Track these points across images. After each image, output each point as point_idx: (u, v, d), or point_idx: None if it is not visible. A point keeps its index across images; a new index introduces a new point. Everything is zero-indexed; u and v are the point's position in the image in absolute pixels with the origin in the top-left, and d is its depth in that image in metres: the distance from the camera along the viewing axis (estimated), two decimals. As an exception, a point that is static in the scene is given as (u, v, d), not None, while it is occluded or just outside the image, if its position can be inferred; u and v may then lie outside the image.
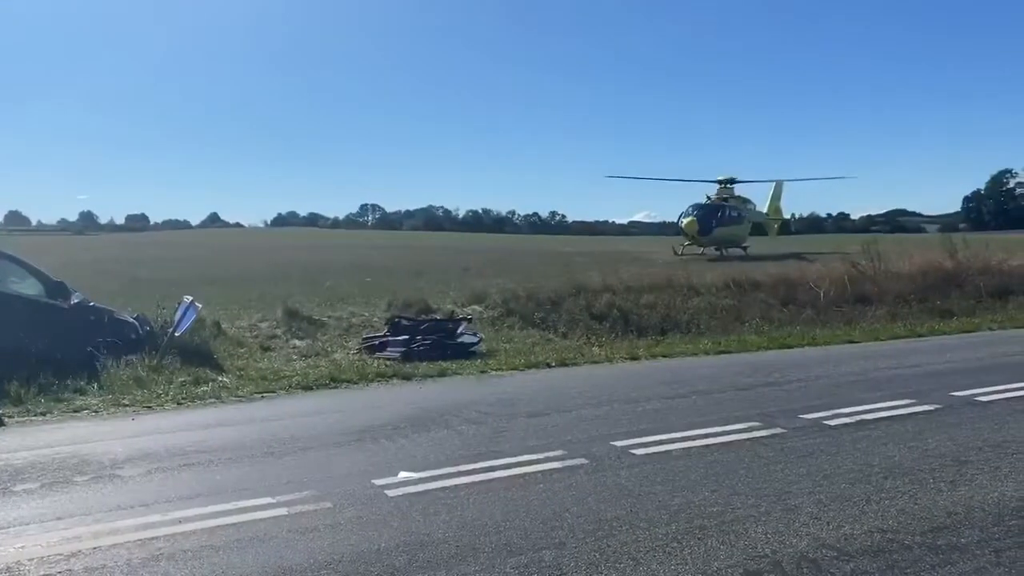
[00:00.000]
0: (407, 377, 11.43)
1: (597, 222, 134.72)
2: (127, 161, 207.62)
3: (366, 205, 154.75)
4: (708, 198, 46.03)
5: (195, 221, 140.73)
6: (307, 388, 10.80)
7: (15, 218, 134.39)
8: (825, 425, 8.07)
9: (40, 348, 10.55)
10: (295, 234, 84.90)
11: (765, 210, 51.15)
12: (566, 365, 12.67)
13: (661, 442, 7.43)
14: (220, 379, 11.10)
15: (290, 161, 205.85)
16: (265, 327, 15.40)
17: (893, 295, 19.93)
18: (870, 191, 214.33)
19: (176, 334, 12.19)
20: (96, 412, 9.35)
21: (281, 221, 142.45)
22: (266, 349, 13.81)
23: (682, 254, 40.66)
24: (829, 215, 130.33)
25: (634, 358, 13.40)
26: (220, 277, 26.15)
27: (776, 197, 52.57)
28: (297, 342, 14.48)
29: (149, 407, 9.65)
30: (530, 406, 9.23)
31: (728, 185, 46.99)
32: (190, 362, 11.81)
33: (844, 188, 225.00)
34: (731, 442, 7.47)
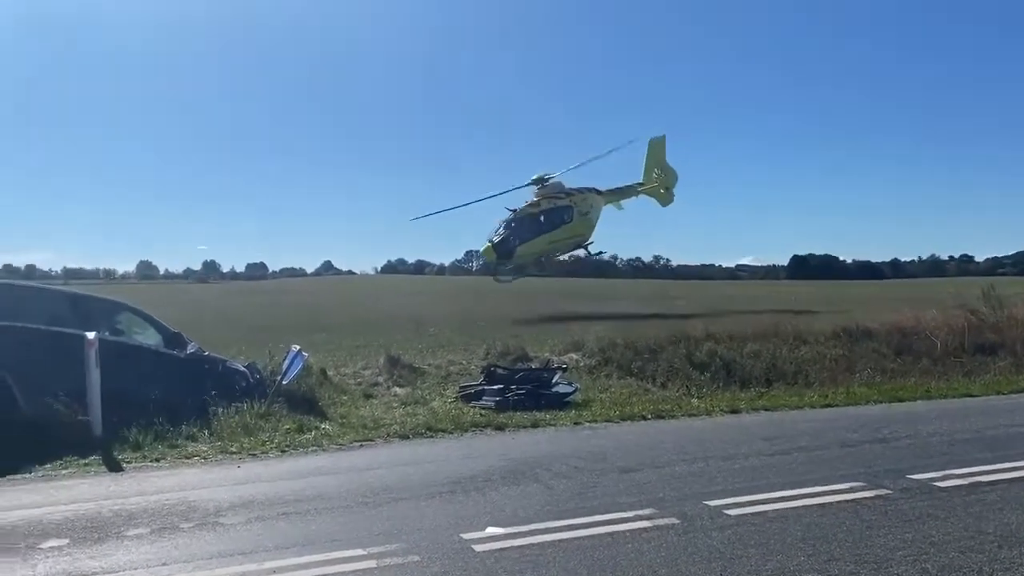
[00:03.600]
0: (501, 427, 11.51)
1: (703, 265, 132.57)
2: (248, 212, 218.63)
3: (470, 251, 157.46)
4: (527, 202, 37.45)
5: (310, 269, 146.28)
6: (404, 437, 11.01)
7: (145, 267, 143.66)
8: (935, 487, 7.66)
9: (158, 396, 11.16)
10: (402, 281, 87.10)
11: (641, 178, 40.27)
12: (663, 417, 12.48)
13: (757, 502, 7.22)
14: (323, 426, 11.45)
15: (399, 211, 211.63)
16: (368, 374, 15.83)
17: (1019, 344, 18.75)
18: (996, 232, 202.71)
19: (283, 382, 12.68)
20: (205, 459, 9.79)
21: (390, 268, 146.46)
22: (368, 396, 14.17)
23: (505, 279, 37.29)
24: (952, 257, 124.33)
25: (735, 411, 13.07)
26: (329, 324, 27.06)
27: (653, 157, 40.43)
28: (398, 389, 14.80)
29: (255, 454, 10.04)
30: (623, 460, 9.13)
31: (547, 182, 37.28)
32: (296, 409, 12.23)
33: (968, 229, 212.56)
34: (832, 503, 7.18)
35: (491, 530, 6.52)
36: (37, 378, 10.42)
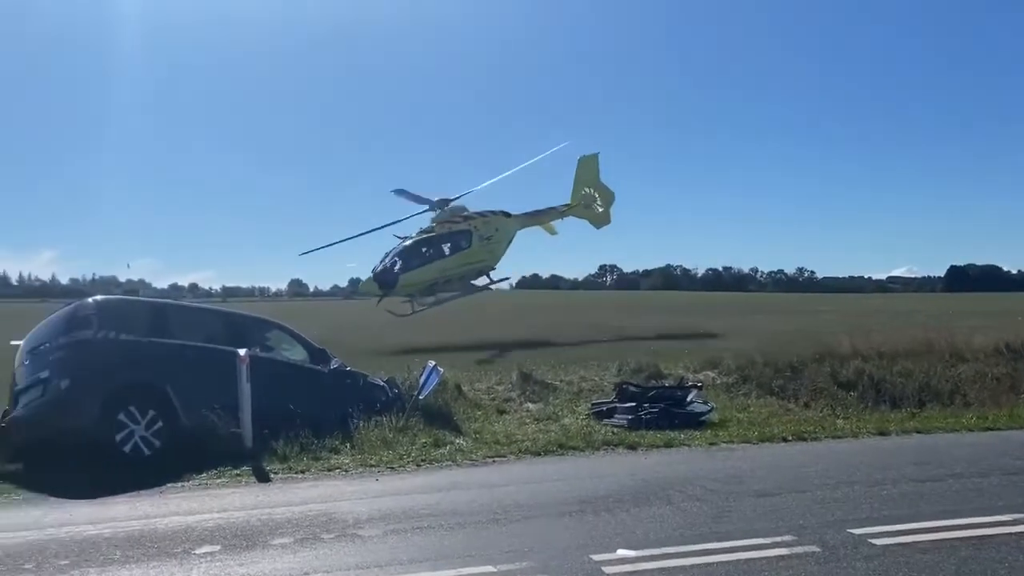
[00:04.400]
0: (632, 446, 11.35)
1: (851, 278, 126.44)
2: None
3: (604, 266, 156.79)
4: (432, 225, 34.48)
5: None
6: (536, 453, 11.05)
7: (296, 285, 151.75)
8: (1115, 523, 6.95)
9: (303, 409, 11.71)
10: (538, 296, 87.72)
11: (570, 198, 37.18)
12: (804, 439, 11.94)
13: (906, 532, 6.79)
14: (457, 441, 11.66)
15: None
16: (501, 390, 16.01)
17: None
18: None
19: (420, 397, 13.03)
20: (347, 471, 10.18)
21: (524, 283, 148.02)
22: (501, 412, 14.33)
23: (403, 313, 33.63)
24: (1021, 271, 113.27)
25: (883, 433, 12.34)
26: (466, 340, 27.59)
27: (584, 176, 37.21)
28: (530, 405, 14.89)
29: (393, 467, 10.35)
30: (760, 484, 8.81)
31: (447, 206, 34.31)
32: (432, 424, 12.52)
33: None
34: (991, 536, 6.66)
35: (622, 552, 6.44)
36: (195, 392, 11.14)
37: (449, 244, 33.70)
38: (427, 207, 34.23)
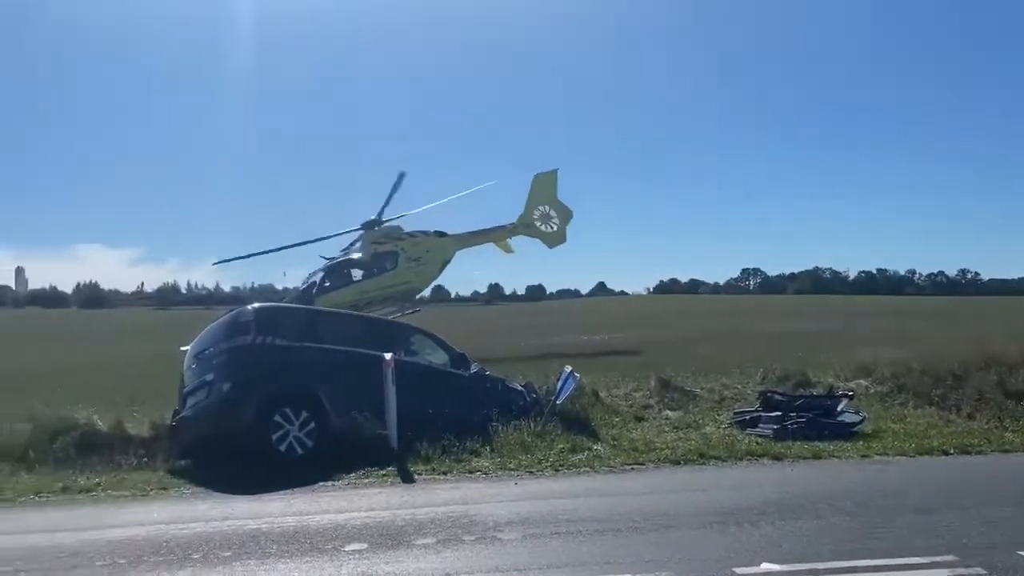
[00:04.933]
0: (778, 457, 10.95)
1: (1021, 279, 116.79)
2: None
3: (747, 269, 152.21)
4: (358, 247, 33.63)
5: (584, 290, 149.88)
6: (675, 462, 10.86)
7: (437, 290, 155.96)
8: None
9: (445, 413, 12.02)
10: (675, 301, 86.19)
11: (519, 217, 35.50)
12: (968, 453, 11.15)
13: (1087, 558, 6.21)
14: (595, 447, 11.62)
15: (673, 228, 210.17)
16: (639, 396, 15.82)
17: None
18: None
19: (557, 402, 13.09)
20: (487, 474, 10.37)
21: (663, 288, 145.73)
22: (639, 419, 14.16)
23: None
24: None
25: (1059, 447, 11.36)
26: (600, 345, 27.49)
27: (539, 194, 35.59)
28: (669, 413, 14.63)
29: (531, 472, 10.45)
30: (918, 499, 8.31)
31: (380, 226, 33.36)
32: (569, 429, 12.53)
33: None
34: None
35: (766, 566, 6.23)
36: (344, 395, 11.65)
37: (372, 266, 32.79)
38: (358, 227, 33.53)
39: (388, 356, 11.64)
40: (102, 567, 6.80)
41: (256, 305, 12.97)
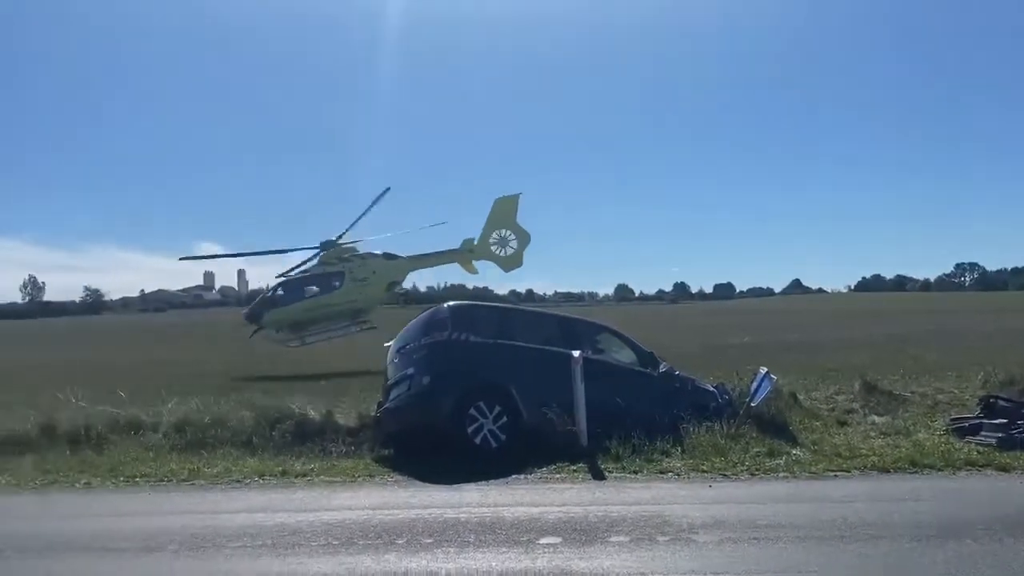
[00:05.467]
0: (1004, 468, 9.93)
1: None
2: (718, 233, 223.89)
3: (962, 264, 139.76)
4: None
5: (778, 288, 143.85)
6: (883, 470, 10.14)
7: (622, 290, 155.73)
8: None
9: (634, 412, 11.93)
10: (879, 299, 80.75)
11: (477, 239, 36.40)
12: None
13: None
14: (794, 452, 11.10)
15: (875, 220, 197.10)
16: (841, 400, 14.97)
17: None
18: None
19: (752, 404, 12.63)
20: (678, 475, 10.18)
21: (865, 286, 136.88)
22: (842, 424, 13.37)
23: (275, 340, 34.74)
24: None
25: None
26: (797, 345, 26.29)
27: (498, 218, 36.58)
28: (876, 418, 13.70)
29: (725, 475, 10.15)
30: None
31: (336, 247, 35.15)
32: (765, 432, 12.05)
33: None
34: None
35: (994, 587, 5.69)
36: (535, 391, 11.86)
37: (320, 285, 34.64)
38: (316, 246, 35.62)
39: (576, 354, 11.72)
40: (318, 547, 7.33)
41: (451, 303, 13.45)
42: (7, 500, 9.92)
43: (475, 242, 37.07)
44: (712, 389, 13.59)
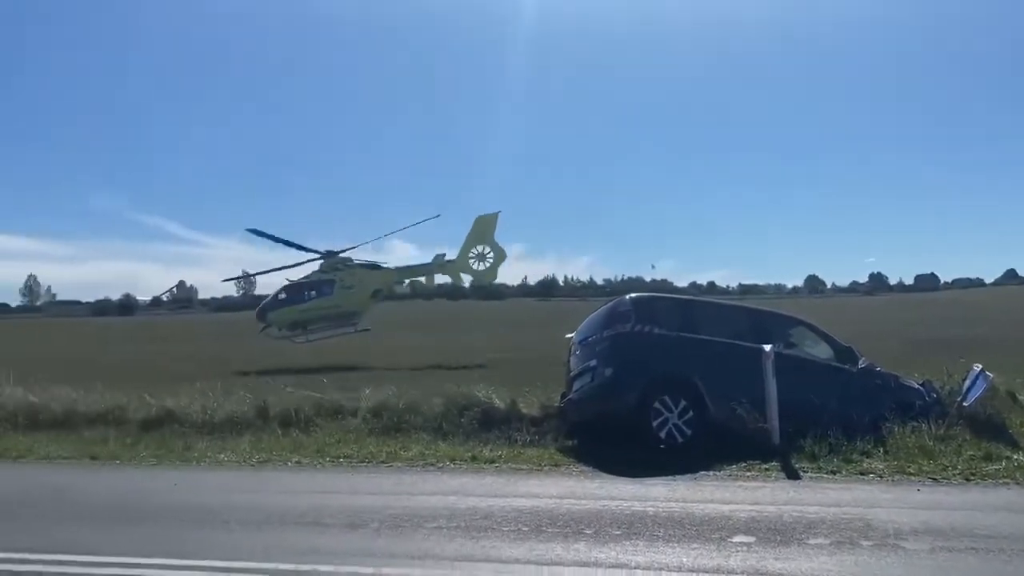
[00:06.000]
0: None
1: None
2: (917, 222, 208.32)
3: None
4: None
5: (989, 278, 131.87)
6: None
7: (813, 281, 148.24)
8: None
9: (830, 409, 11.30)
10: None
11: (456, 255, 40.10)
12: None
13: None
14: (1015, 457, 10.11)
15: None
16: (1073, 402, 13.45)
17: None
18: None
19: (965, 404, 11.64)
20: (880, 477, 9.56)
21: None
22: (1071, 428, 12.02)
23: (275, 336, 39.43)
24: None
25: None
26: (1017, 340, 23.93)
27: (478, 234, 39.85)
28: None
29: (935, 478, 9.42)
30: None
31: (335, 257, 40.03)
32: (980, 435, 11.06)
33: None
34: None
35: None
36: (722, 386, 11.52)
37: (315, 291, 39.25)
38: (318, 255, 40.05)
39: (768, 348, 11.27)
40: (509, 531, 7.50)
41: (634, 295, 13.31)
42: (230, 475, 10.89)
43: (444, 257, 40.95)
44: (918, 387, 12.64)
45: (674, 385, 11.63)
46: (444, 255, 40.91)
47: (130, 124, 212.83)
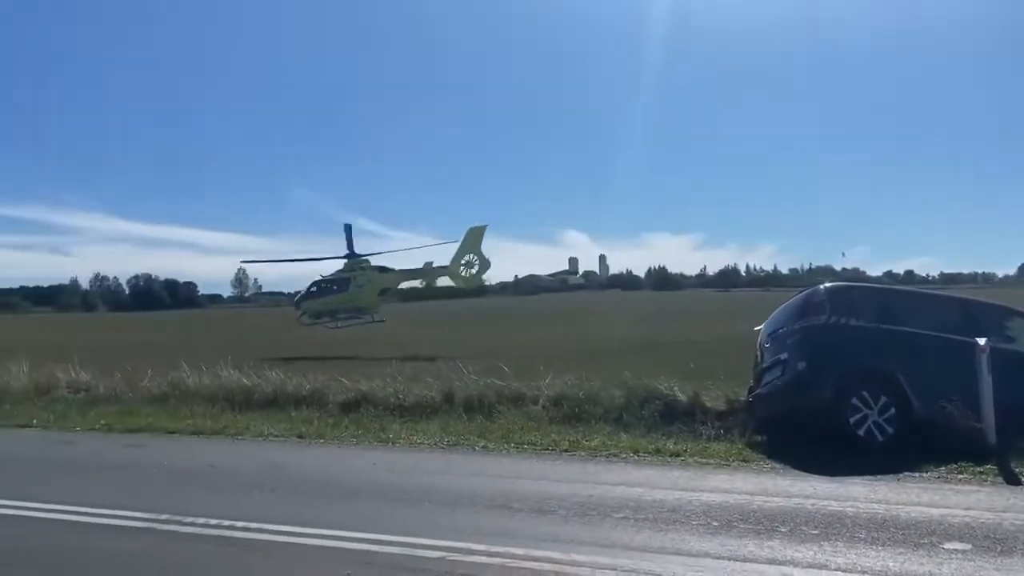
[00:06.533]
0: None
1: None
2: None
3: None
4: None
5: None
6: None
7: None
8: None
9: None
10: None
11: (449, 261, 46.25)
12: None
13: None
14: None
15: None
16: None
17: None
18: None
19: None
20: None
21: None
22: None
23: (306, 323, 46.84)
24: None
25: None
26: None
27: (469, 245, 45.64)
28: None
29: None
30: None
31: (354, 259, 46.61)
32: None
33: None
34: None
35: None
36: (928, 382, 10.73)
37: (336, 286, 45.84)
38: (344, 255, 46.69)
39: (982, 342, 10.36)
40: (698, 526, 7.37)
41: (829, 284, 12.62)
42: (422, 456, 11.40)
43: (433, 264, 48.56)
44: None
45: (874, 380, 10.93)
46: (432, 262, 49.08)
47: (326, 126, 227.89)
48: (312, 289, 47.24)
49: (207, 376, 17.36)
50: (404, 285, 52.75)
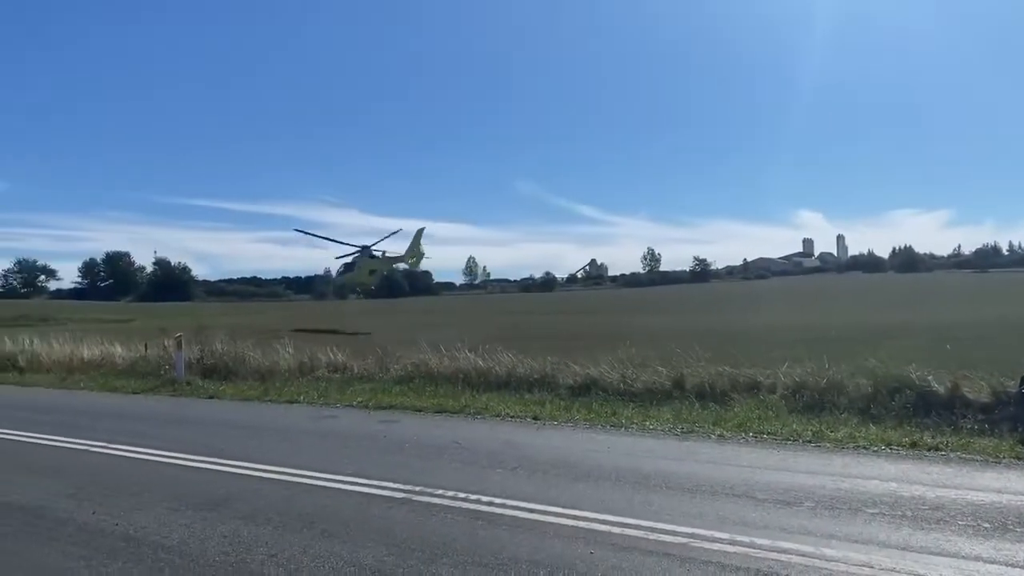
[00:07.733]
0: None
1: None
2: None
3: None
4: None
5: None
6: None
7: None
8: None
9: None
10: None
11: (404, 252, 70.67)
12: None
13: None
14: None
15: None
16: None
17: None
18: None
19: None
20: None
21: None
22: None
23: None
24: None
25: None
26: None
27: (416, 240, 69.96)
28: None
29: None
30: None
31: (365, 249, 69.79)
32: None
33: None
34: None
35: None
36: None
37: (349, 268, 71.73)
38: (358, 247, 70.51)
39: None
40: (964, 526, 6.79)
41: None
42: (656, 442, 11.34)
43: (385, 253, 71.19)
44: None
45: None
46: (384, 251, 71.77)
47: (542, 124, 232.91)
48: (341, 270, 74.09)
49: (447, 358, 18.38)
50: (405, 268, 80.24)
